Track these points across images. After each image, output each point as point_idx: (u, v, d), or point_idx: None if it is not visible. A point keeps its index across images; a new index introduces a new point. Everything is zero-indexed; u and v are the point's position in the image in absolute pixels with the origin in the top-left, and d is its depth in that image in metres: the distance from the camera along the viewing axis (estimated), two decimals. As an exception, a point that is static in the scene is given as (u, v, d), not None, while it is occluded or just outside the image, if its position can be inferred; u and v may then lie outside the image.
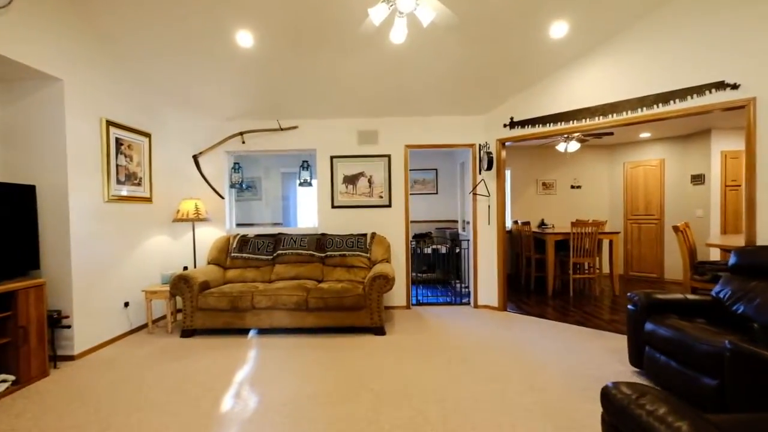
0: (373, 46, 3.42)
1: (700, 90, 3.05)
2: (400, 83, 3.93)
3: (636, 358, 2.65)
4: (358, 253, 4.19)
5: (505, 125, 4.30)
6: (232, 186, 4.61)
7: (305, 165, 4.59)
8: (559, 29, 3.36)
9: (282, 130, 4.50)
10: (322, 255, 4.23)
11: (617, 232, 5.23)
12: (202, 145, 4.53)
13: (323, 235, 4.36)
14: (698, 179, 5.62)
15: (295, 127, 4.54)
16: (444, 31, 3.23)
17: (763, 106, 2.78)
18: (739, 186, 5.42)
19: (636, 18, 3.31)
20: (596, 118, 3.63)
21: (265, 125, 4.52)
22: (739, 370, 1.86)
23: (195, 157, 4.53)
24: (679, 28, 3.14)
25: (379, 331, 3.60)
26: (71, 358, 3.07)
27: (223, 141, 4.50)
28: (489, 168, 4.22)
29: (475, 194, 4.53)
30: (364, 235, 4.31)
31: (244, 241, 4.29)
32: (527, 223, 5.80)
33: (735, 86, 2.89)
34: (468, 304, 4.66)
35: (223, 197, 4.58)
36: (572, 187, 6.75)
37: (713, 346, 2.00)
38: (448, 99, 4.23)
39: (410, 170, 6.18)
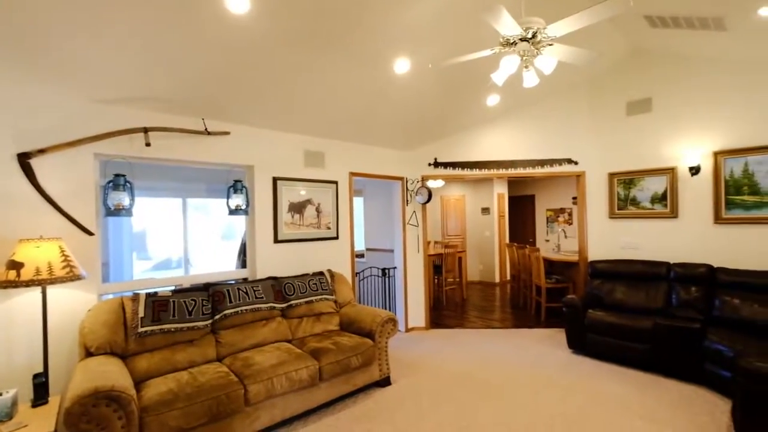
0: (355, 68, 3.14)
1: (559, 161, 4.79)
2: (351, 107, 3.57)
3: (576, 342, 3.86)
4: (324, 296, 3.51)
5: (429, 164, 4.87)
6: (110, 213, 2.71)
7: (239, 187, 3.33)
8: (493, 99, 4.32)
9: (209, 134, 3.13)
10: (284, 306, 3.25)
11: (464, 250, 6.85)
12: (40, 139, 2.45)
13: (275, 279, 3.35)
14: (486, 211, 8.21)
15: (226, 133, 3.26)
16: (407, 78, 3.30)
17: (589, 177, 4.74)
18: (503, 216, 8.37)
19: (530, 104, 4.77)
20: (501, 169, 4.85)
21: (173, 122, 2.99)
22: (662, 336, 3.25)
23: (24, 159, 2.38)
24: (547, 119, 4.81)
25: (386, 381, 3.24)
26: None
27: (100, 137, 2.61)
28: (428, 201, 4.64)
29: (407, 224, 4.80)
30: (322, 273, 3.65)
31: (159, 303, 2.64)
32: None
33: (575, 162, 4.77)
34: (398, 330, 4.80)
35: (91, 233, 2.63)
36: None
37: (648, 324, 3.35)
38: (387, 132, 4.33)
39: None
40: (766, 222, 3.48)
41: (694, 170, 3.85)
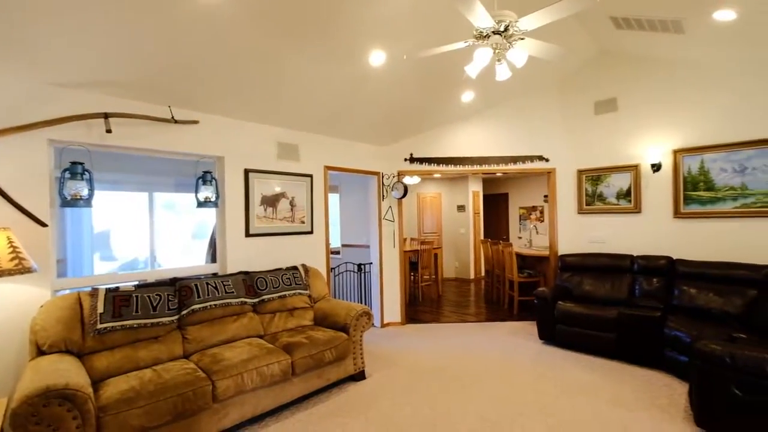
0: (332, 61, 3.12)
1: (531, 158, 4.91)
2: (326, 99, 3.52)
3: (546, 333, 3.96)
4: (298, 291, 3.44)
5: (405, 159, 4.88)
6: (66, 203, 2.55)
7: (208, 178, 3.21)
8: (467, 96, 4.38)
9: (176, 122, 3.00)
10: (255, 301, 3.16)
11: (440, 247, 6.91)
12: (-12, 120, 2.27)
13: (246, 273, 3.26)
14: (461, 208, 8.33)
15: (195, 122, 3.14)
16: (383, 72, 3.30)
17: (559, 174, 4.89)
18: (478, 213, 8.51)
19: (503, 102, 4.87)
20: (475, 165, 4.92)
21: (137, 108, 2.84)
22: (626, 325, 3.39)
23: (-33, 142, 2.20)
24: (519, 118, 4.92)
25: (361, 376, 3.21)
26: None
27: (55, 121, 2.45)
28: (404, 196, 4.65)
29: (383, 220, 4.78)
30: (296, 268, 3.58)
31: (120, 298, 2.50)
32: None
33: (546, 159, 4.91)
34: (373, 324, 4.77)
35: (45, 224, 2.46)
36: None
37: (613, 314, 3.48)
38: (363, 127, 4.31)
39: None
40: (719, 216, 3.70)
41: (656, 167, 4.04)
